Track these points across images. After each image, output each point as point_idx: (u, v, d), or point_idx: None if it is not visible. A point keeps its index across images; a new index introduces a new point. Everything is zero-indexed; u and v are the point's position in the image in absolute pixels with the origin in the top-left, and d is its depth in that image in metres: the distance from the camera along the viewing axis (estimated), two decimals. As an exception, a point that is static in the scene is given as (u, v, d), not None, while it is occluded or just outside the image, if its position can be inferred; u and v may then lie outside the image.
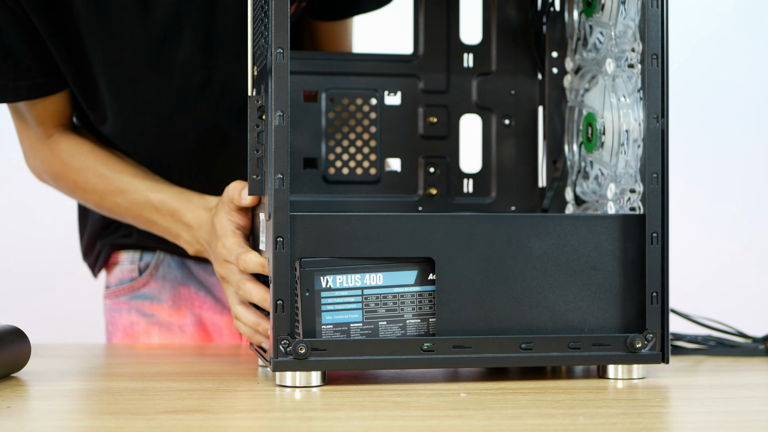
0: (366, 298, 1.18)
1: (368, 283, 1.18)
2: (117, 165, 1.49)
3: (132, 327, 1.61)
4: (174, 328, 1.62)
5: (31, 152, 1.55)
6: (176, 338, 1.61)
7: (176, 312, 1.62)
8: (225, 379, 1.22)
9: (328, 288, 1.17)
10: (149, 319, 1.62)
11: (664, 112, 1.22)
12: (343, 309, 1.18)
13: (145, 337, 1.60)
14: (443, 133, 1.49)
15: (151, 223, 1.46)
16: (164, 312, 1.62)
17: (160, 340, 1.61)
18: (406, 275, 1.19)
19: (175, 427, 0.99)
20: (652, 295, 1.21)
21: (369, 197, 1.47)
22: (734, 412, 1.10)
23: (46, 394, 1.14)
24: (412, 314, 1.20)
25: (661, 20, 1.22)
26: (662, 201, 1.22)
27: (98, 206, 1.52)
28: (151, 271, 1.63)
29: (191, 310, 1.62)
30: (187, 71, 1.46)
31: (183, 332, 1.62)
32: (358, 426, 1.01)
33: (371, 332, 1.18)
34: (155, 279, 1.63)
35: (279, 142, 1.14)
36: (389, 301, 1.19)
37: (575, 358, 1.21)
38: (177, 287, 1.63)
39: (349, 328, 1.18)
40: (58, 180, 1.54)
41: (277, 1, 1.14)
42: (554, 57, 1.46)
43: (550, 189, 1.46)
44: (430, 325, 1.20)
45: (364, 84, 1.47)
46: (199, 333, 1.62)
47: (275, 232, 1.14)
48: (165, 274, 1.64)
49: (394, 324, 1.19)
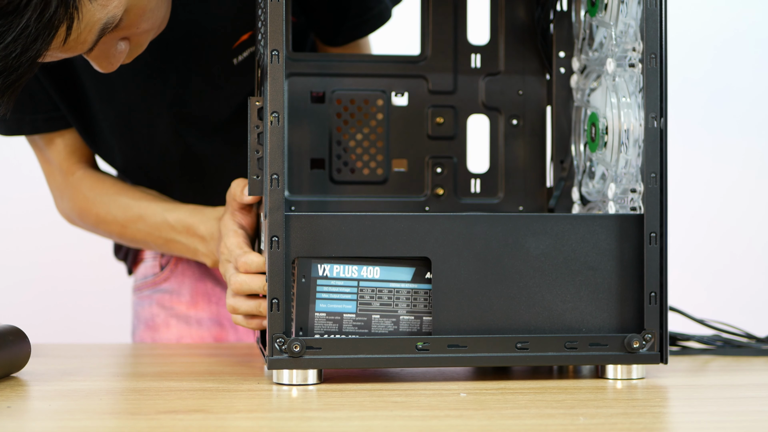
0: (361, 290, 1.19)
1: (365, 276, 1.19)
2: (136, 193, 1.53)
3: (153, 319, 1.65)
4: (191, 321, 1.66)
5: (58, 193, 1.59)
6: (194, 331, 1.64)
7: (194, 306, 1.66)
8: (225, 379, 1.23)
9: (324, 276, 1.18)
10: (168, 311, 1.66)
11: (663, 111, 1.22)
12: (337, 299, 1.19)
13: (164, 328, 1.65)
14: (451, 133, 1.49)
15: (172, 243, 1.48)
16: (182, 305, 1.66)
17: (178, 332, 1.65)
18: (403, 271, 1.20)
19: (175, 427, 0.99)
20: (651, 295, 1.21)
21: (376, 197, 1.47)
22: (735, 412, 1.10)
23: (46, 394, 1.15)
24: (406, 311, 1.20)
25: (659, 19, 1.22)
26: (661, 201, 1.21)
27: (120, 236, 1.55)
28: (172, 267, 1.67)
29: (208, 306, 1.65)
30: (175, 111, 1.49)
31: (200, 325, 1.65)
32: (358, 426, 1.01)
33: (364, 324, 1.19)
34: (175, 275, 1.67)
35: (274, 143, 1.16)
36: (384, 296, 1.20)
37: (572, 358, 1.20)
38: (195, 283, 1.67)
39: (342, 318, 1.19)
40: (83, 217, 1.57)
41: (273, 4, 1.15)
42: (561, 57, 1.46)
43: (556, 189, 1.46)
44: (423, 323, 1.20)
45: (371, 85, 1.47)
46: (215, 327, 1.65)
47: (270, 231, 1.15)
48: (184, 270, 1.67)
49: (387, 319, 1.20)
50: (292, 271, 1.18)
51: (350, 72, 1.47)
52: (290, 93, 1.45)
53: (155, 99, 1.48)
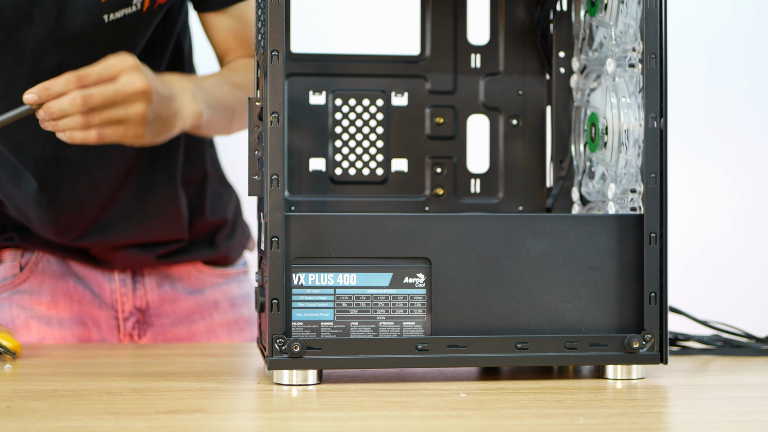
0: (338, 298, 1.19)
1: (341, 283, 1.19)
2: None
3: (12, 321, 1.61)
4: (53, 321, 1.62)
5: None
6: (55, 331, 1.61)
7: (54, 306, 1.63)
8: (225, 379, 1.23)
9: (300, 285, 1.18)
10: (28, 312, 1.62)
11: (663, 111, 1.22)
12: (314, 307, 1.19)
13: (24, 330, 1.61)
14: (450, 133, 1.49)
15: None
16: (43, 306, 1.62)
17: (39, 333, 1.61)
18: (380, 277, 1.20)
19: (175, 427, 0.99)
20: (651, 296, 1.21)
21: (376, 198, 1.47)
22: (735, 412, 1.10)
23: (46, 394, 1.15)
24: (385, 316, 1.20)
25: (659, 19, 1.22)
26: (661, 201, 1.21)
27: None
28: (31, 267, 1.63)
29: (70, 305, 1.63)
30: (39, 57, 1.45)
31: (62, 325, 1.62)
32: (358, 426, 1.02)
33: (342, 332, 1.19)
34: (35, 274, 1.63)
35: (274, 143, 1.16)
36: (362, 302, 1.20)
37: (572, 358, 1.20)
38: (56, 282, 1.63)
39: (320, 326, 1.19)
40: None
41: (273, 4, 1.15)
42: (561, 57, 1.46)
43: (555, 188, 1.46)
44: (403, 328, 1.20)
45: (370, 85, 1.47)
46: (77, 326, 1.63)
47: (270, 231, 1.16)
48: (44, 269, 1.63)
49: (366, 325, 1.20)
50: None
51: (350, 72, 1.47)
52: (290, 93, 1.46)
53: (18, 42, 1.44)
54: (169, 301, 1.66)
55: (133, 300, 1.64)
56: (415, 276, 1.20)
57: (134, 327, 1.65)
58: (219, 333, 1.69)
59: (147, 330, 1.65)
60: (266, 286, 1.18)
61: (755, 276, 2.72)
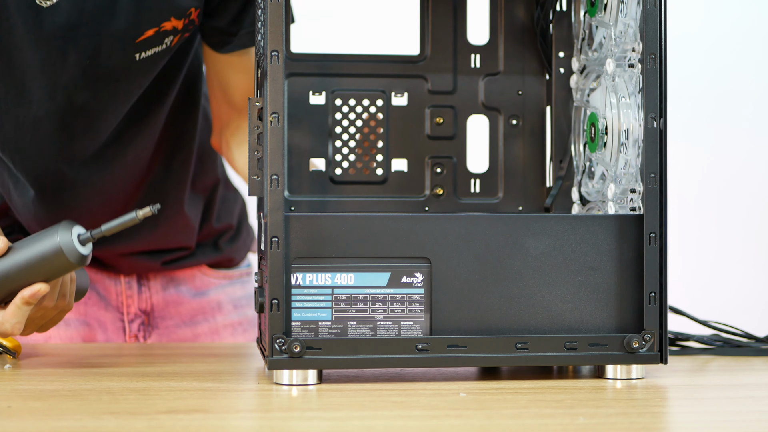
0: (336, 297, 1.19)
1: (338, 283, 1.19)
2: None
3: None
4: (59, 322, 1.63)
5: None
6: (60, 332, 1.61)
7: None
8: (225, 379, 1.23)
9: (297, 285, 1.18)
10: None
11: (662, 111, 1.22)
12: (312, 307, 1.19)
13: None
14: (450, 133, 1.49)
15: None
16: None
17: (44, 334, 1.58)
18: (377, 276, 1.20)
19: (175, 427, 0.99)
20: (650, 296, 1.21)
21: (376, 198, 1.47)
22: (735, 412, 1.10)
23: (47, 394, 1.15)
24: (383, 316, 1.20)
25: (659, 19, 1.22)
26: (660, 201, 1.22)
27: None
28: None
29: (75, 306, 1.62)
30: (70, 94, 1.46)
31: (67, 327, 1.62)
32: (357, 426, 1.02)
33: (340, 332, 1.19)
34: None
35: (274, 143, 1.16)
36: (359, 302, 1.20)
37: (572, 358, 1.21)
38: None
39: (318, 326, 1.19)
40: None
41: (273, 4, 1.16)
42: (561, 57, 1.46)
43: (554, 188, 1.46)
44: (401, 328, 1.20)
45: (370, 85, 1.48)
46: (83, 327, 1.63)
47: (270, 232, 1.16)
48: None
49: (363, 325, 1.20)
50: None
51: (350, 72, 1.47)
52: (290, 93, 1.46)
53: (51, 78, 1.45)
54: (173, 304, 1.67)
55: (138, 302, 1.65)
56: (413, 275, 1.20)
57: (139, 329, 1.65)
58: (223, 334, 1.69)
59: (152, 332, 1.66)
60: (266, 286, 1.18)
61: (755, 276, 2.72)
